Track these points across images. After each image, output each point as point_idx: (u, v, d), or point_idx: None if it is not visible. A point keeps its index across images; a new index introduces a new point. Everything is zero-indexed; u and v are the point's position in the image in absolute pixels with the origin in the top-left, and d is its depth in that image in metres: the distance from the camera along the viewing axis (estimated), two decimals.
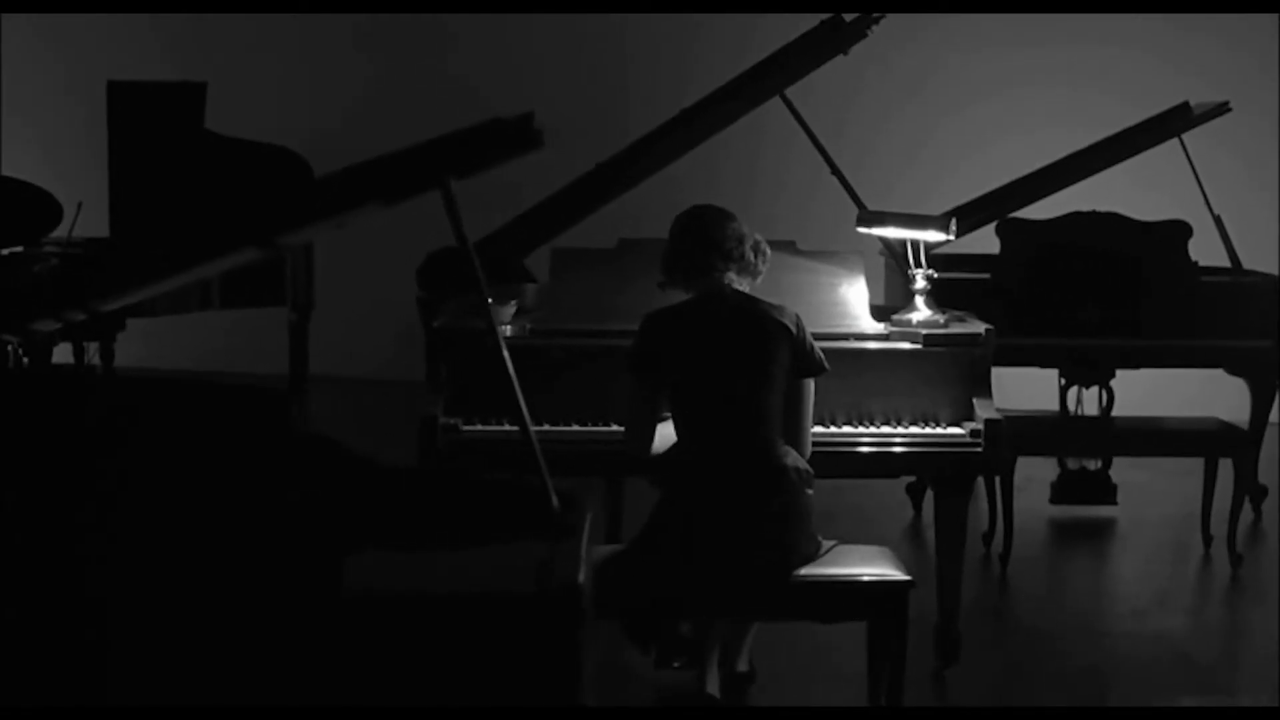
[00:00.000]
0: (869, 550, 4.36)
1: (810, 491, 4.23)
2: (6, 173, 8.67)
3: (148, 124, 7.92)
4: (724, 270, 4.29)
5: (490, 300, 4.82)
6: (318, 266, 8.42)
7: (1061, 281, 6.51)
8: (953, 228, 4.79)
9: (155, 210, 7.63)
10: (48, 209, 7.18)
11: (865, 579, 4.20)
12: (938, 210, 6.54)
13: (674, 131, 5.52)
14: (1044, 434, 6.53)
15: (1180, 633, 5.49)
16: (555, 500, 2.74)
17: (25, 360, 7.06)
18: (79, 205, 7.38)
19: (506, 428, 4.67)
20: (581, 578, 2.49)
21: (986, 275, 6.62)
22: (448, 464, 4.48)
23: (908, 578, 4.21)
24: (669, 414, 4.32)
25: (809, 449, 4.32)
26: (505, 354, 3.14)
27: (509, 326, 4.83)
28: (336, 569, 2.62)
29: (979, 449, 4.68)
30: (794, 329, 4.24)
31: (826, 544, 4.32)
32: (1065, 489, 6.90)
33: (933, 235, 4.88)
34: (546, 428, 4.67)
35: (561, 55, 9.70)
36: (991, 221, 6.78)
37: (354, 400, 9.29)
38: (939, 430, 4.72)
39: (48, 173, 8.88)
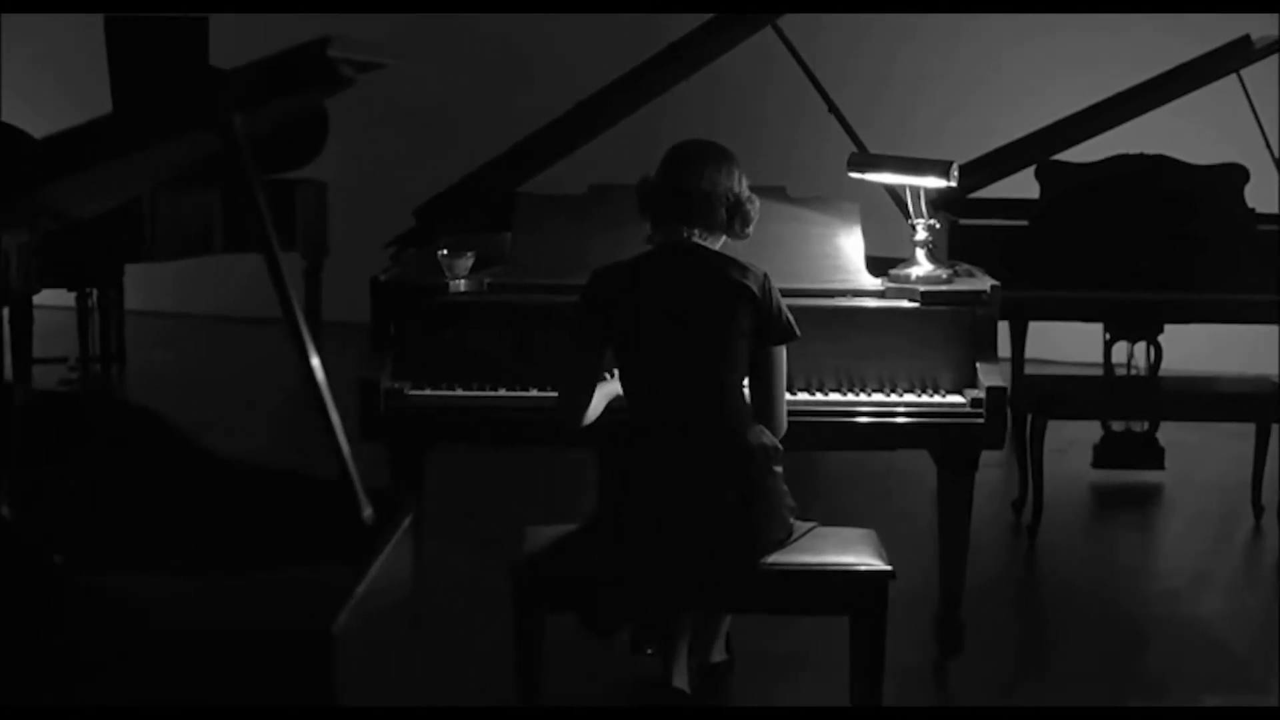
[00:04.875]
0: (848, 534, 3.91)
1: (779, 469, 3.78)
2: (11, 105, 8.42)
3: (149, 59, 7.64)
4: (685, 223, 3.81)
5: (445, 251, 4.49)
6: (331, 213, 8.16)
7: (1106, 229, 6.07)
8: (954, 174, 4.29)
9: None
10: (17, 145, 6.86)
11: (839, 569, 3.75)
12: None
13: (652, 70, 5.07)
14: (1085, 395, 6.06)
15: (1218, 618, 4.97)
16: (367, 512, 2.28)
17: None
18: None
19: (459, 393, 4.26)
20: (341, 622, 2.02)
21: (1024, 222, 6.16)
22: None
23: (887, 567, 3.76)
24: (608, 375, 3.91)
25: (784, 424, 3.85)
26: (295, 303, 2.58)
27: (463, 281, 4.40)
28: (66, 589, 2.22)
29: (980, 419, 4.20)
30: (759, 290, 3.74)
31: (803, 526, 3.88)
32: (1108, 452, 6.39)
33: (931, 181, 4.36)
34: (503, 393, 4.27)
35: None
36: (1031, 164, 6.30)
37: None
38: (935, 399, 4.24)
39: (55, 106, 8.60)
